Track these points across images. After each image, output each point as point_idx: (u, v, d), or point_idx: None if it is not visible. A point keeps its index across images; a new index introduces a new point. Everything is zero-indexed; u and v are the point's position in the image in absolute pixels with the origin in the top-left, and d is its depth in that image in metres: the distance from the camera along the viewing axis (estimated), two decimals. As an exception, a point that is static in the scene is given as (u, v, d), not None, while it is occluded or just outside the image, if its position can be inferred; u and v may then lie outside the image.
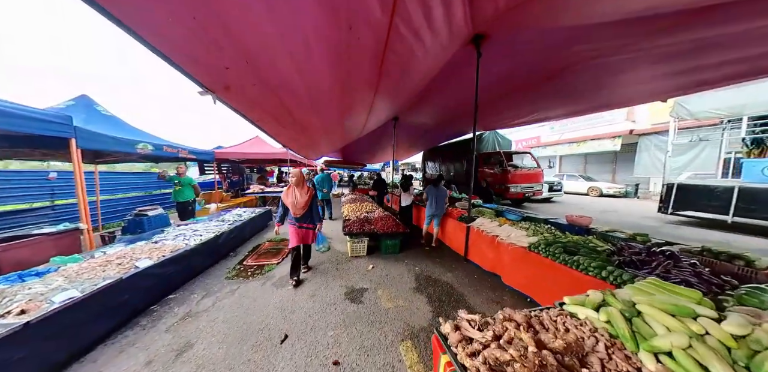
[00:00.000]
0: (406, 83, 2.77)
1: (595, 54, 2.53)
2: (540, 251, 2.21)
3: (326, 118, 2.97)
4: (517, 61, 2.92)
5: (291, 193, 2.63)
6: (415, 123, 6.38)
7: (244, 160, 7.43)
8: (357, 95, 2.59)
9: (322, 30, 1.32)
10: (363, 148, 9.06)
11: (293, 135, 3.30)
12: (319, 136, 4.05)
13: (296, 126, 2.69)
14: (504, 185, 6.62)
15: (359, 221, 3.75)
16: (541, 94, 3.76)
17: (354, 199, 6.36)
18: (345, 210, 4.88)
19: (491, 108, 4.41)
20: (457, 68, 3.12)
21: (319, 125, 3.01)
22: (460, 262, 3.40)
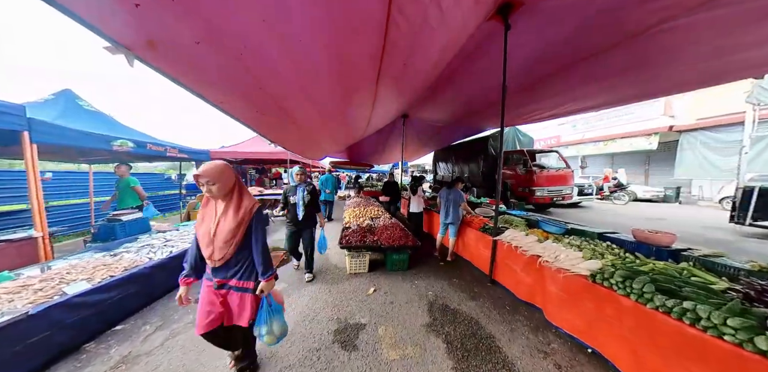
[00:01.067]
0: (416, 65, 2.17)
1: (670, 14, 1.82)
2: (615, 287, 1.51)
3: (318, 106, 2.43)
4: (554, 36, 2.28)
5: (207, 212, 1.28)
6: (426, 120, 5.76)
7: (243, 160, 7.08)
8: (355, 75, 2.03)
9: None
10: (370, 148, 8.53)
11: (275, 123, 2.70)
12: (312, 128, 3.48)
13: (279, 113, 2.17)
14: (528, 188, 5.81)
15: (360, 231, 3.15)
16: (581, 78, 3.04)
17: (358, 202, 5.78)
18: (346, 215, 4.30)
19: (516, 99, 3.72)
20: (476, 52, 2.56)
21: (309, 114, 2.48)
22: (483, 284, 2.72)
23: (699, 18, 1.82)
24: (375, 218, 4.17)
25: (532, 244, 2.26)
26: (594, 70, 2.79)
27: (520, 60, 2.65)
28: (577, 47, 2.45)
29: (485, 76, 3.16)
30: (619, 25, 2.04)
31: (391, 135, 7.31)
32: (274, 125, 2.42)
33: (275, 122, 2.37)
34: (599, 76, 2.90)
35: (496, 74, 2.52)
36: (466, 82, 3.49)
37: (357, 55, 1.65)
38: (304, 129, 2.95)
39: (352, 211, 4.65)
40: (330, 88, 2.07)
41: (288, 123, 2.48)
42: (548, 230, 2.69)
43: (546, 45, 2.48)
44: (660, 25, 1.95)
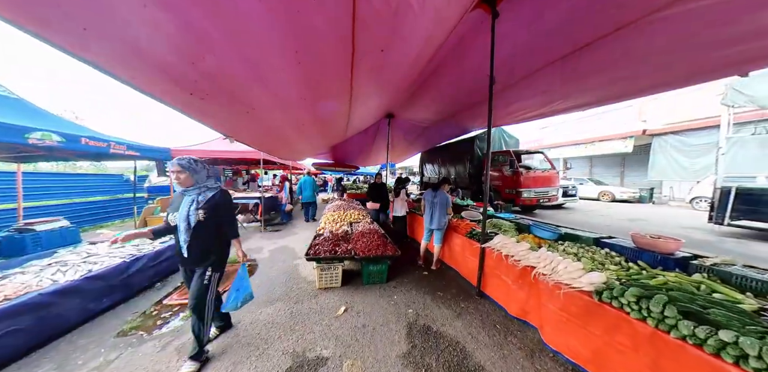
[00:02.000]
0: (395, 54, 1.90)
1: (662, 3, 1.66)
2: (627, 307, 1.23)
3: (275, 93, 2.05)
4: (541, 27, 2.13)
5: None
6: (411, 120, 5.53)
7: (214, 160, 6.46)
8: (323, 58, 1.70)
9: None
10: (355, 149, 8.17)
11: (219, 111, 2.27)
12: (275, 122, 3.09)
13: (225, 97, 1.78)
14: (515, 189, 5.68)
15: (333, 238, 2.75)
16: (568, 74, 2.88)
17: (339, 205, 5.38)
18: (322, 220, 3.88)
19: (502, 97, 3.56)
20: (461, 47, 2.37)
21: (265, 102, 2.09)
22: (471, 297, 2.41)
23: (689, 8, 1.66)
24: (354, 223, 3.80)
25: (524, 253, 1.98)
26: (582, 66, 2.64)
27: (506, 56, 2.48)
28: (565, 40, 2.30)
29: (471, 73, 2.99)
30: (608, 15, 1.88)
31: (376, 136, 7.02)
32: (218, 113, 2.01)
33: (218, 110, 1.95)
34: (587, 72, 2.75)
35: (482, 71, 2.34)
36: (451, 80, 3.30)
37: (323, 33, 1.32)
38: (264, 122, 2.53)
39: (330, 216, 4.24)
40: (291, 75, 1.71)
41: (239, 113, 2.07)
42: (540, 236, 2.44)
43: (532, 38, 2.33)
44: (651, 14, 1.79)
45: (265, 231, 5.08)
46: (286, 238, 4.57)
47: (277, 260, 3.34)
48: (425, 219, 3.20)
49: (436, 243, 3.11)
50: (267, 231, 5.10)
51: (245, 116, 2.12)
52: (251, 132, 2.66)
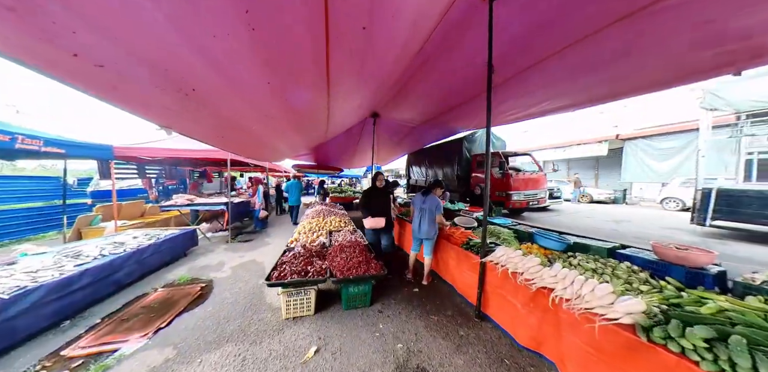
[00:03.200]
0: (379, 37, 1.56)
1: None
2: (695, 355, 0.91)
3: (238, 85, 1.60)
4: (536, 18, 1.92)
5: None
6: (398, 120, 5.20)
7: (174, 160, 5.67)
8: (295, 51, 1.31)
9: None
10: (339, 150, 7.69)
11: (163, 100, 1.84)
12: (241, 119, 2.65)
13: (165, 82, 1.32)
14: (505, 192, 5.52)
15: (305, 255, 2.26)
16: (562, 71, 2.68)
17: (319, 211, 4.86)
18: (297, 230, 3.36)
19: (492, 97, 3.36)
20: (451, 39, 2.11)
21: (214, 84, 1.64)
22: (470, 319, 2.05)
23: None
24: (334, 232, 3.33)
25: (536, 271, 1.65)
26: (576, 63, 2.44)
27: (497, 52, 2.24)
28: (558, 35, 2.08)
29: (460, 70, 2.75)
30: (605, 6, 1.67)
31: (361, 136, 6.64)
32: (146, 97, 1.51)
33: (142, 92, 1.45)
34: (580, 70, 2.56)
35: (471, 67, 2.17)
36: (438, 78, 3.03)
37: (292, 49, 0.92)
38: (213, 110, 2.03)
39: (308, 224, 3.73)
40: (243, 45, 1.27)
41: (173, 94, 1.58)
42: (546, 246, 2.14)
43: (525, 33, 2.09)
44: (648, 6, 1.59)
45: (232, 242, 4.43)
46: (256, 250, 3.97)
47: (240, 280, 2.78)
48: (413, 227, 2.82)
49: (427, 254, 2.74)
50: (235, 242, 4.44)
51: (183, 100, 1.62)
52: (200, 123, 2.13)
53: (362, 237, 3.02)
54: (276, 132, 3.26)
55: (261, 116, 2.43)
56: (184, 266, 3.15)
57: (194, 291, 2.41)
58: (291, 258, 2.14)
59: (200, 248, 4.00)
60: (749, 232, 3.74)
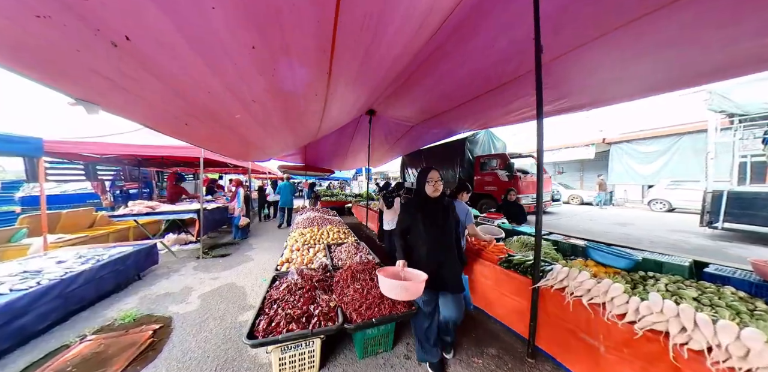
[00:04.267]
0: (382, 42, 1.12)
1: None
2: None
3: (207, 43, 1.03)
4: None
5: None
6: (395, 118, 4.75)
7: (131, 159, 4.76)
8: (294, 33, 0.76)
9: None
10: (331, 149, 7.11)
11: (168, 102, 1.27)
12: (214, 95, 2.06)
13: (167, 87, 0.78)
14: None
15: (304, 286, 1.62)
16: (592, 65, 2.34)
17: (312, 219, 4.22)
18: (289, 241, 2.72)
19: (500, 95, 3.03)
20: (460, 32, 1.82)
21: (190, 64, 1.09)
22: (521, 361, 1.58)
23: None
24: (334, 246, 2.74)
25: (622, 301, 1.21)
26: (610, 55, 2.09)
27: (514, 48, 1.90)
28: (590, 24, 1.73)
29: (471, 64, 2.37)
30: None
31: (354, 136, 6.12)
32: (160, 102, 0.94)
33: (66, 44, 0.85)
34: (609, 64, 2.21)
35: (484, 60, 1.96)
36: (445, 72, 2.65)
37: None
38: (178, 85, 1.44)
39: (300, 235, 3.10)
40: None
41: (117, 58, 0.98)
42: (606, 263, 1.73)
43: (554, 23, 1.72)
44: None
45: (205, 257, 3.65)
46: (234, 267, 3.24)
47: (212, 316, 2.08)
48: (436, 239, 2.33)
49: None
50: (208, 257, 3.67)
51: (110, 56, 1.01)
52: (145, 100, 1.49)
53: (370, 252, 2.47)
54: (261, 124, 2.63)
55: (238, 97, 1.81)
56: (135, 296, 2.39)
57: (142, 338, 1.71)
58: (284, 292, 1.53)
59: (161, 267, 3.19)
60: (759, 235, 3.71)
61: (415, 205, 1.48)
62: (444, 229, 1.43)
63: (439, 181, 1.45)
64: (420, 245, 1.43)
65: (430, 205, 1.45)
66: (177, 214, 3.68)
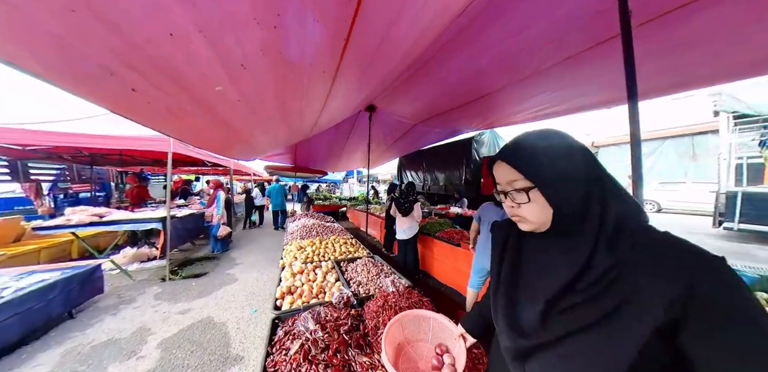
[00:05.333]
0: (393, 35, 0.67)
1: None
2: None
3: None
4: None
5: None
6: (396, 115, 4.29)
7: (55, 151, 3.83)
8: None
9: None
10: (326, 148, 6.49)
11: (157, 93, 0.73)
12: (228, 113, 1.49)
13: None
14: (527, 198, 4.96)
15: (327, 340, 1.04)
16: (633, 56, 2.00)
17: (310, 227, 3.58)
18: (285, 263, 2.09)
19: (519, 90, 2.70)
20: (476, 24, 1.55)
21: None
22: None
23: None
24: (345, 262, 2.17)
25: None
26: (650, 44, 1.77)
27: (531, 47, 1.55)
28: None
29: (492, 51, 2.02)
30: None
31: (352, 134, 5.60)
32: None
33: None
34: (659, 52, 1.89)
35: (508, 49, 1.67)
36: (456, 66, 2.29)
37: None
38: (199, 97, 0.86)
39: (298, 249, 2.47)
40: None
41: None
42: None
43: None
44: None
45: (174, 278, 2.87)
46: (213, 292, 2.52)
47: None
48: (481, 253, 1.88)
49: None
50: (177, 278, 2.89)
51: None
52: (75, 51, 0.86)
53: (394, 272, 1.93)
54: (249, 106, 2.01)
55: (220, 56, 1.21)
56: (57, 349, 1.62)
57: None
58: (297, 359, 0.93)
59: (109, 297, 2.39)
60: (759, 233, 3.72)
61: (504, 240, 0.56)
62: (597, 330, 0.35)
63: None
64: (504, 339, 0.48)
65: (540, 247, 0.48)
66: (135, 224, 2.88)
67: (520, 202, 0.43)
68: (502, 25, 1.62)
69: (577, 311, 0.37)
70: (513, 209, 0.45)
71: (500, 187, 0.47)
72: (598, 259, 0.36)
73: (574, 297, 0.37)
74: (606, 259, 0.35)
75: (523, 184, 0.42)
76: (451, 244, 2.70)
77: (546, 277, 0.42)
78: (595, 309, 0.35)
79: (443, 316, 0.87)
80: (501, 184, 0.47)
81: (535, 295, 0.42)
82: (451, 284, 2.71)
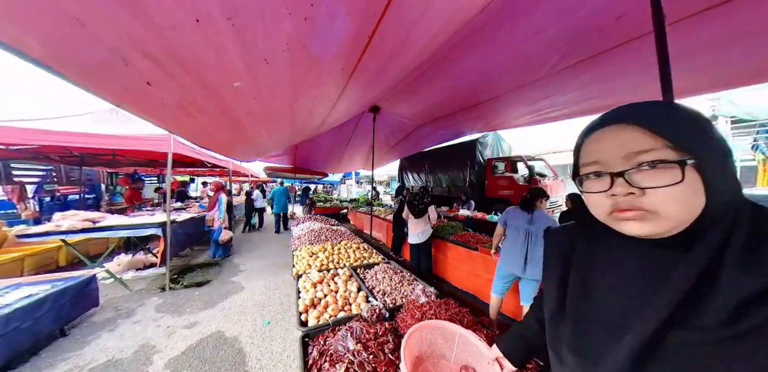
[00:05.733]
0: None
1: None
2: None
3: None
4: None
5: None
6: (400, 116, 4.24)
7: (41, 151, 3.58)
8: None
9: None
10: (328, 149, 6.38)
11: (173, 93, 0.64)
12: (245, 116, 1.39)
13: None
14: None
15: (370, 363, 0.95)
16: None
17: (317, 232, 3.45)
18: (307, 279, 1.96)
19: (530, 91, 2.70)
20: (491, 26, 1.51)
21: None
22: None
23: None
24: (362, 269, 2.07)
25: None
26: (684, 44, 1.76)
27: (546, 47, 1.55)
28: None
29: (508, 50, 1.97)
30: None
31: (354, 135, 5.52)
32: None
33: None
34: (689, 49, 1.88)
35: (525, 48, 1.62)
36: (466, 67, 2.17)
37: None
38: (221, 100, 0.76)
39: (310, 255, 2.34)
40: None
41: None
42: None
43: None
44: None
45: (175, 287, 2.69)
46: (219, 303, 2.36)
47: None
48: (506, 258, 1.81)
49: (528, 301, 1.74)
50: (179, 287, 2.71)
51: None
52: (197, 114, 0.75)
53: (417, 279, 1.84)
54: (262, 105, 1.90)
55: (245, 48, 1.11)
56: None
57: None
58: None
59: (105, 310, 2.20)
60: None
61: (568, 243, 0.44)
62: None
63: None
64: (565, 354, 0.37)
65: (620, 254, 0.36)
66: (133, 230, 2.69)
67: (653, 185, 0.28)
68: (521, 24, 1.58)
69: (696, 354, 0.26)
70: (630, 199, 0.30)
71: (606, 164, 0.32)
72: (536, 212, 0.29)
73: (690, 333, 0.27)
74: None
75: (668, 154, 0.28)
76: (467, 248, 2.62)
77: (642, 303, 0.31)
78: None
79: (472, 333, 0.78)
80: (610, 160, 0.31)
81: (624, 328, 0.31)
82: (468, 289, 2.63)
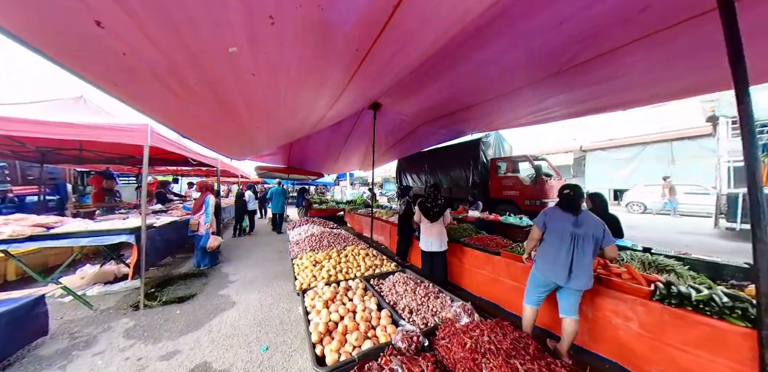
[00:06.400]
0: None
1: None
2: None
3: None
4: None
5: None
6: (401, 114, 4.03)
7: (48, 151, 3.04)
8: None
9: None
10: (324, 148, 6.05)
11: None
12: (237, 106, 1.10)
13: None
14: (540, 200, 4.82)
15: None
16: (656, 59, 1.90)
17: (318, 236, 3.13)
18: (317, 297, 1.65)
19: (540, 89, 2.63)
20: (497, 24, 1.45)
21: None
22: None
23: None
24: (375, 279, 1.79)
25: None
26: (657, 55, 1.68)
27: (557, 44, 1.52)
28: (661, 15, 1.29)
29: (515, 49, 1.83)
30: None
31: (352, 134, 5.26)
32: None
33: None
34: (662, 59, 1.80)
35: (531, 47, 1.61)
36: (472, 66, 2.07)
37: None
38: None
39: (314, 264, 2.04)
40: None
41: None
42: None
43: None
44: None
45: (150, 305, 2.27)
46: (205, 324, 1.98)
47: None
48: (549, 266, 1.59)
49: (570, 314, 1.53)
50: (156, 304, 2.29)
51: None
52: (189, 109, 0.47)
53: (442, 291, 1.58)
54: (266, 84, 1.59)
55: (252, 7, 0.83)
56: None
57: None
58: None
59: (56, 340, 1.75)
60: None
61: None
62: None
63: None
64: None
65: None
66: (97, 238, 2.26)
67: None
68: (539, 15, 1.44)
69: None
70: None
71: None
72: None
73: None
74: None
75: None
76: (487, 252, 2.39)
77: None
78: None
79: None
80: None
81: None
82: (488, 297, 2.39)
